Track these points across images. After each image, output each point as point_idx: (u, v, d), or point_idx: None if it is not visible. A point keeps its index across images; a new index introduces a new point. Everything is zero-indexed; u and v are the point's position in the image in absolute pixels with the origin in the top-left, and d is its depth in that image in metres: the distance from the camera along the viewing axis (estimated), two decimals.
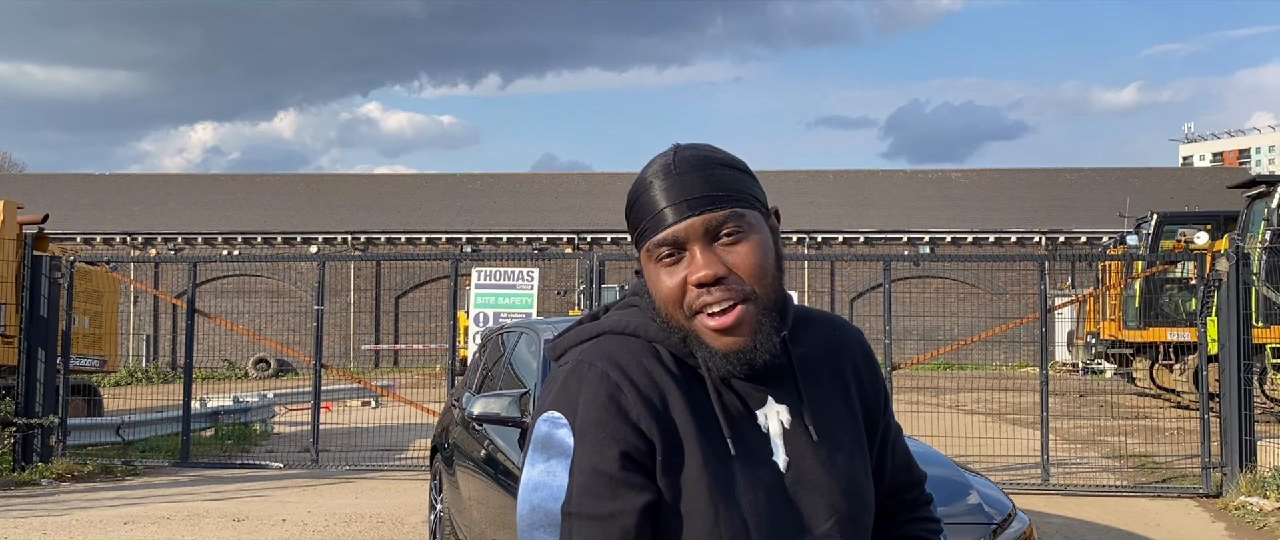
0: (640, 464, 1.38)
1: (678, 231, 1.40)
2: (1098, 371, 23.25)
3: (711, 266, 1.39)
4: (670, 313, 1.43)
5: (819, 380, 1.53)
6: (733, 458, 1.42)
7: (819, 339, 1.57)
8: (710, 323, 1.40)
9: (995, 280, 32.83)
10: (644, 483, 1.38)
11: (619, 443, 1.38)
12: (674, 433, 1.41)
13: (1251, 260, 11.81)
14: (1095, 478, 10.46)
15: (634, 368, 1.43)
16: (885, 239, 33.81)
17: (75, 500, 9.36)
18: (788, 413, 1.47)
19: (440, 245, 34.33)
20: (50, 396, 10.88)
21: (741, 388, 1.47)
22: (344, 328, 33.92)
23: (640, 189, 1.45)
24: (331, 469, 11.01)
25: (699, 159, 1.44)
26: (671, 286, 1.41)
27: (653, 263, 1.44)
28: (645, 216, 1.43)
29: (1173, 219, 18.72)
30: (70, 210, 35.16)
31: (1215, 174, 43.97)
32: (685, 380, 1.45)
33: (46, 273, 10.93)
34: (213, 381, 25.27)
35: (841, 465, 1.49)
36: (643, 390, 1.41)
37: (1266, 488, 8.82)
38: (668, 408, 1.42)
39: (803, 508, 1.44)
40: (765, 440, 1.46)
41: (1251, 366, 9.60)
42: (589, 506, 1.36)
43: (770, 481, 1.44)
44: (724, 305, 1.40)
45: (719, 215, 1.40)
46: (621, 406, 1.40)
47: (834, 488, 1.47)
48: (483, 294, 12.27)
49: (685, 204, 1.40)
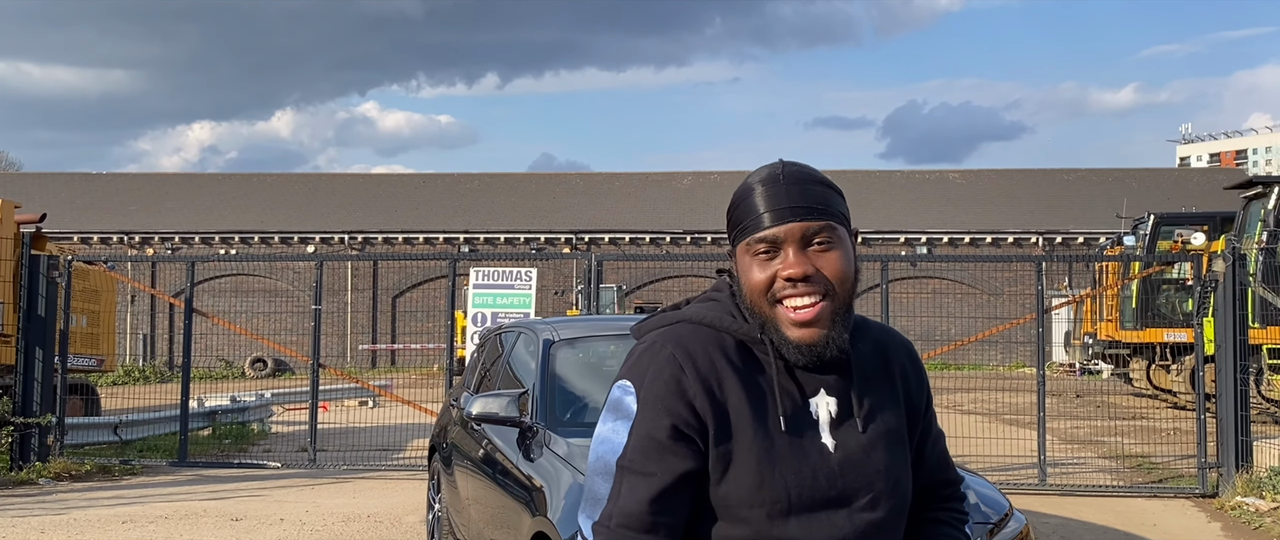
0: (688, 437, 1.61)
1: (778, 232, 1.63)
2: (1095, 372, 23.28)
3: (802, 265, 1.62)
4: (756, 300, 1.65)
5: (870, 378, 1.74)
6: (782, 433, 1.64)
7: (873, 343, 1.78)
8: (792, 314, 1.63)
9: (992, 280, 32.86)
10: (687, 453, 1.61)
11: (672, 416, 1.62)
12: (726, 412, 1.63)
13: (1248, 261, 11.82)
14: (1092, 478, 10.48)
15: (699, 353, 1.65)
16: (883, 239, 33.83)
17: (73, 499, 9.35)
18: (837, 404, 1.69)
19: (438, 245, 34.32)
20: (48, 396, 10.87)
21: (800, 377, 1.68)
22: (341, 327, 33.91)
23: (745, 192, 1.68)
24: (329, 468, 11.01)
25: (803, 174, 1.68)
26: (763, 278, 1.64)
27: (749, 256, 1.66)
28: (748, 216, 1.66)
29: (1170, 220, 18.74)
30: (68, 209, 35.13)
31: (1212, 175, 44.03)
32: (747, 366, 1.67)
33: (44, 272, 10.92)
34: (210, 381, 25.27)
35: (882, 454, 1.70)
36: (702, 373, 1.63)
37: (1262, 488, 8.84)
38: (724, 390, 1.64)
39: (844, 486, 1.65)
40: (815, 425, 1.67)
41: (1248, 367, 9.62)
42: (638, 463, 1.62)
43: (816, 459, 1.65)
44: (807, 300, 1.62)
45: (815, 224, 1.64)
46: (681, 385, 1.63)
47: (874, 472, 1.68)
48: (480, 294, 12.26)
49: (788, 211, 1.64)
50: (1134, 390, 18.95)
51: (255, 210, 36.90)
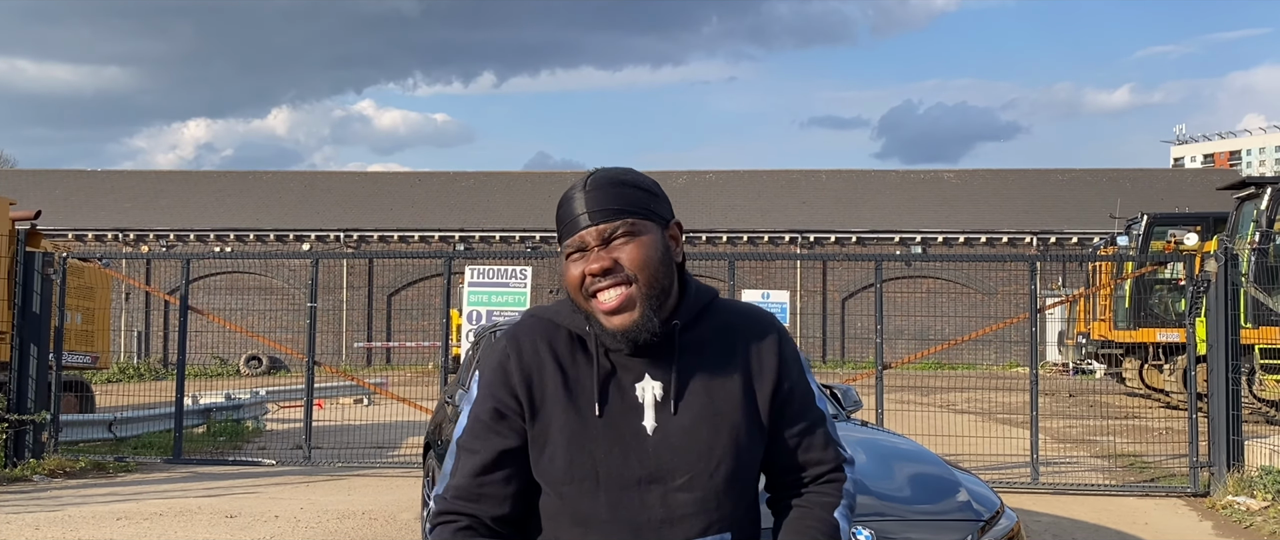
0: (506, 417, 1.81)
1: (582, 236, 1.78)
2: (1088, 371, 23.34)
3: (600, 260, 1.76)
4: (575, 297, 1.80)
5: (703, 360, 1.84)
6: (595, 417, 1.78)
7: (721, 325, 1.87)
8: (601, 304, 1.76)
9: (986, 280, 32.93)
10: (507, 431, 1.81)
11: (494, 400, 1.82)
12: (543, 396, 1.80)
13: (1240, 262, 11.88)
14: (1084, 477, 10.52)
15: (526, 343, 1.84)
16: (877, 239, 33.88)
17: (68, 496, 9.36)
18: (662, 388, 1.81)
19: (433, 243, 34.31)
20: (42, 393, 10.87)
21: (625, 362, 1.81)
22: (336, 325, 33.90)
23: (561, 202, 1.83)
24: (324, 466, 11.02)
25: (607, 180, 1.82)
26: (574, 275, 1.79)
27: (566, 259, 1.81)
28: (561, 225, 1.82)
29: (1163, 220, 18.79)
30: (63, 206, 35.07)
31: (1206, 175, 44.13)
32: (575, 356, 1.82)
33: (39, 269, 10.92)
34: (205, 378, 25.25)
35: (705, 435, 1.80)
36: (525, 361, 1.82)
37: (1253, 487, 8.88)
38: (542, 377, 1.81)
39: (657, 466, 1.77)
40: (639, 407, 1.79)
41: (1239, 367, 9.66)
42: (467, 441, 1.84)
43: (630, 439, 1.78)
44: (612, 291, 1.75)
45: (613, 224, 1.77)
46: (505, 371, 1.83)
47: (695, 453, 1.78)
48: (476, 292, 12.28)
49: (586, 215, 1.78)
50: (1127, 390, 19.01)
51: (251, 208, 36.86)
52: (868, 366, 26.24)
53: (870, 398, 10.24)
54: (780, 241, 34.09)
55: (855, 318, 32.76)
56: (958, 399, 18.55)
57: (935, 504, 4.53)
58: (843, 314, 33.57)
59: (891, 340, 26.47)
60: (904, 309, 30.22)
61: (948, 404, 17.31)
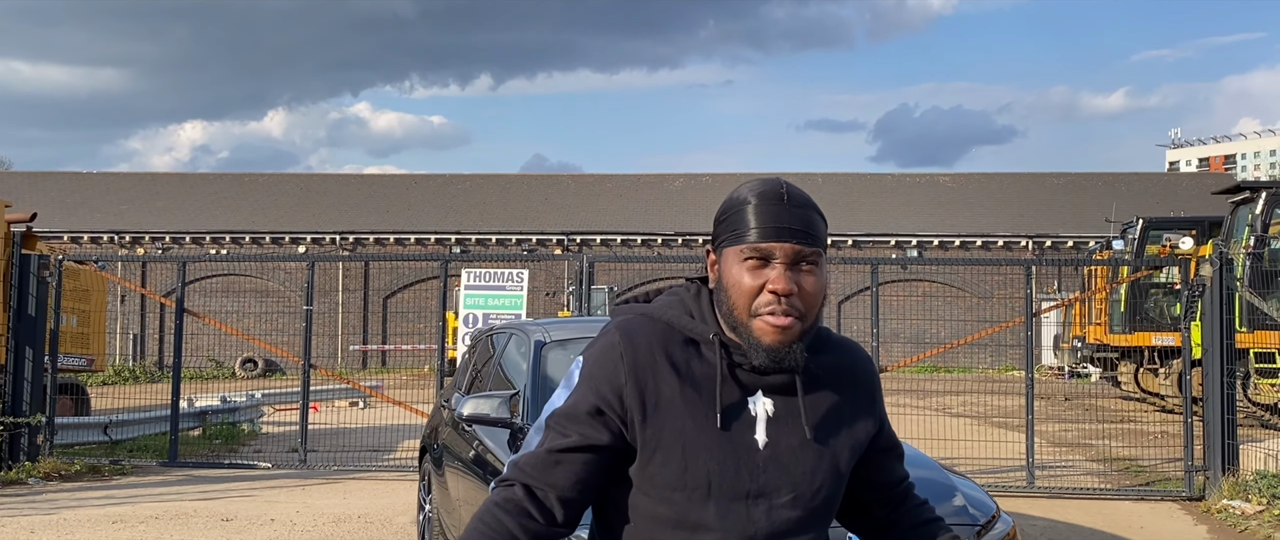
0: (605, 415, 1.79)
1: (773, 248, 1.76)
2: (1083, 375, 23.36)
3: (788, 284, 1.75)
4: (738, 304, 1.77)
5: (819, 387, 1.87)
6: (714, 426, 1.78)
7: (834, 356, 1.92)
8: (769, 321, 1.75)
9: (982, 284, 32.96)
10: (602, 428, 1.79)
11: (598, 396, 1.80)
12: (656, 400, 1.78)
13: (1235, 266, 11.90)
14: (1080, 480, 10.53)
15: (642, 345, 1.81)
16: (873, 242, 33.91)
17: (63, 499, 9.34)
18: (774, 405, 1.82)
19: (429, 246, 34.29)
20: (37, 395, 10.85)
21: (742, 377, 1.82)
22: (332, 328, 33.86)
23: (743, 200, 1.79)
24: (320, 469, 11.01)
25: (802, 198, 1.80)
26: (751, 285, 1.76)
27: (738, 262, 1.77)
28: (744, 224, 1.77)
29: (1158, 224, 18.82)
30: (58, 209, 35.01)
31: (1201, 179, 44.21)
32: (690, 362, 1.81)
33: (34, 271, 10.91)
34: (200, 381, 25.18)
35: (812, 457, 1.83)
36: (638, 364, 1.80)
37: (1248, 491, 8.90)
38: (657, 381, 1.79)
39: (766, 481, 1.80)
40: (752, 421, 1.81)
41: (1234, 371, 9.69)
42: (558, 424, 1.83)
43: (743, 452, 1.79)
44: (785, 318, 1.75)
45: (807, 249, 1.77)
46: (614, 371, 1.80)
47: (800, 473, 1.82)
48: (472, 295, 12.28)
49: (787, 231, 1.76)
50: (1122, 393, 19.04)
51: (246, 210, 36.82)
52: None
53: None
54: None
55: (851, 321, 32.77)
56: (954, 402, 18.57)
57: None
58: (839, 317, 33.59)
59: (887, 343, 26.48)
60: (900, 312, 30.24)
61: (944, 407, 17.32)
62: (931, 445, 9.38)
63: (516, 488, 1.81)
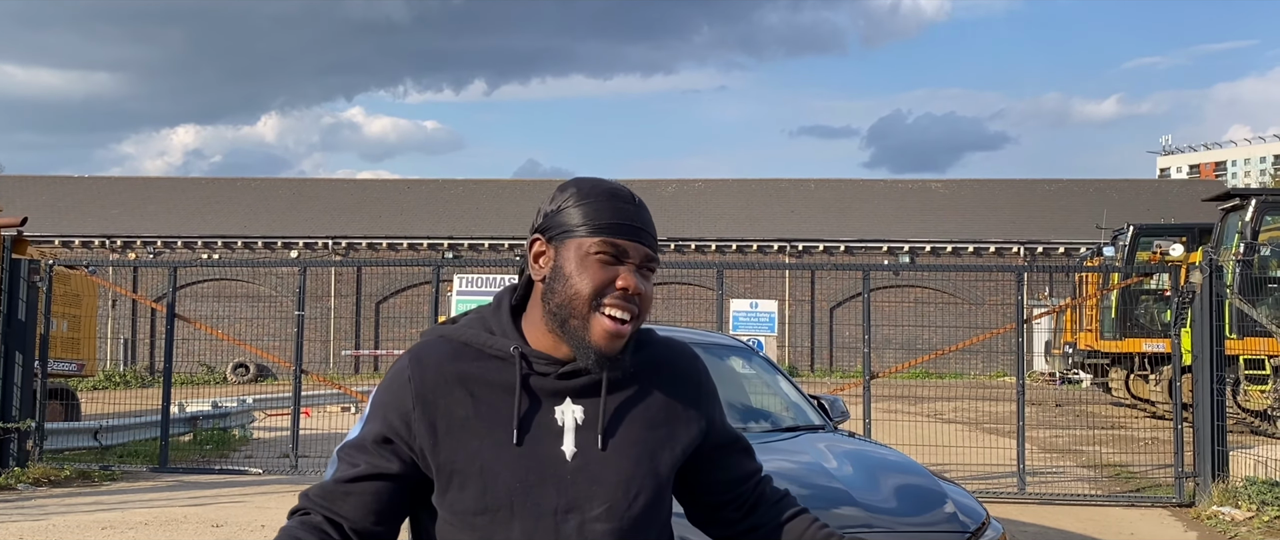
0: (393, 443, 1.74)
1: (629, 247, 1.72)
2: (1074, 381, 23.43)
3: (638, 283, 1.71)
4: (579, 293, 1.70)
5: (632, 390, 1.80)
6: (512, 443, 1.71)
7: (649, 359, 1.84)
8: (608, 325, 1.70)
9: (974, 290, 33.03)
10: (390, 456, 1.74)
11: (383, 424, 1.75)
12: (447, 424, 1.72)
13: (1225, 273, 11.95)
14: (1070, 487, 10.56)
15: (431, 367, 1.75)
16: (865, 248, 33.96)
17: (52, 505, 9.31)
18: (583, 412, 1.75)
19: (422, 251, 34.26)
20: (27, 400, 10.81)
21: (547, 386, 1.75)
22: (324, 333, 33.80)
23: (595, 195, 1.74)
24: (311, 474, 10.97)
25: (646, 207, 1.79)
26: (603, 280, 1.70)
27: (586, 253, 1.71)
28: (598, 218, 1.71)
29: (1149, 231, 18.90)
30: (49, 213, 34.91)
31: (1191, 186, 44.38)
32: (488, 378, 1.75)
33: (25, 276, 10.88)
34: (191, 386, 25.13)
35: (627, 464, 1.75)
36: (427, 388, 1.73)
37: (1238, 498, 8.93)
38: (448, 403, 1.73)
39: (576, 494, 1.72)
40: (558, 432, 1.74)
41: (1224, 377, 9.72)
42: (347, 455, 1.78)
43: (548, 466, 1.72)
44: (626, 315, 1.71)
45: (654, 256, 1.76)
46: (400, 397, 1.74)
47: (614, 482, 1.74)
48: (465, 301, 12.28)
49: (645, 233, 1.74)
50: (1113, 400, 19.09)
51: (238, 215, 36.76)
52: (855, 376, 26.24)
53: (858, 407, 10.26)
54: (769, 250, 34.15)
55: (843, 327, 32.82)
56: (945, 409, 18.60)
57: (921, 515, 4.54)
58: (831, 323, 33.63)
59: (879, 349, 26.51)
60: (892, 318, 30.28)
61: (935, 414, 17.35)
62: (922, 451, 9.39)
63: (314, 515, 1.76)
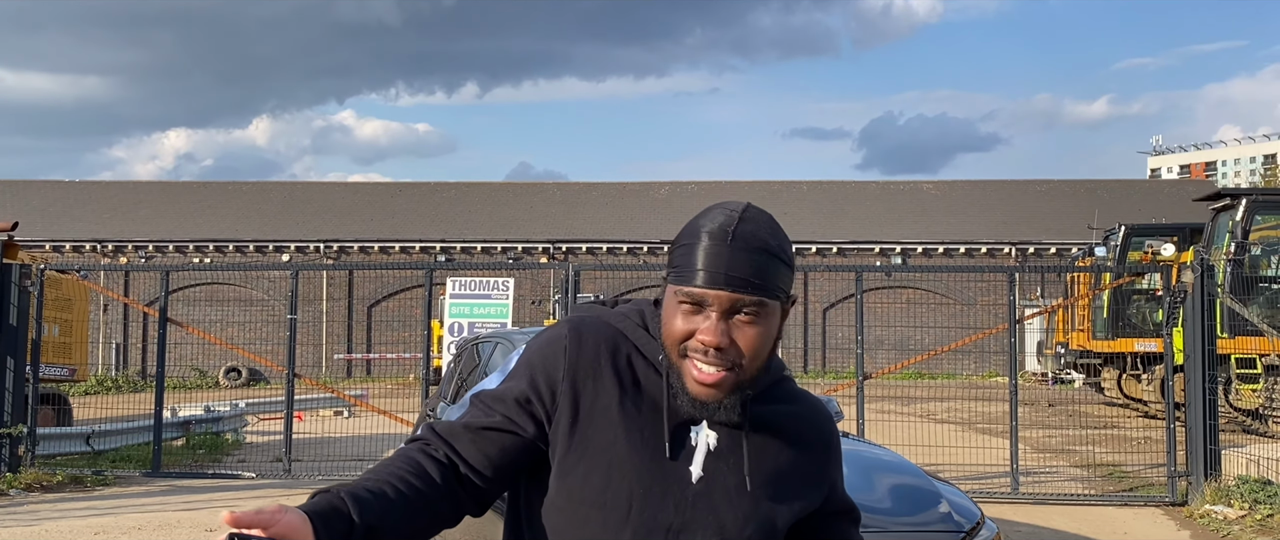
0: (530, 409, 1.68)
1: (707, 295, 1.60)
2: (1067, 381, 23.48)
3: (717, 337, 1.59)
4: (669, 345, 1.65)
5: (769, 432, 1.73)
6: (648, 446, 1.66)
7: (793, 407, 1.79)
8: (695, 373, 1.62)
9: (966, 290, 33.09)
10: (525, 418, 1.68)
11: (529, 385, 1.69)
12: (588, 406, 1.67)
13: (1216, 272, 11.98)
14: (1064, 486, 10.58)
15: (589, 346, 1.70)
16: (858, 249, 34.01)
17: (45, 511, 9.28)
18: (717, 440, 1.69)
19: (414, 254, 34.21)
20: (19, 406, 10.77)
21: (689, 402, 1.67)
22: (316, 337, 33.73)
23: (692, 236, 1.64)
24: (304, 479, 10.96)
25: (753, 241, 1.61)
26: (681, 330, 1.62)
27: (675, 301, 1.63)
28: (685, 263, 1.62)
29: (1140, 231, 18.95)
30: (40, 217, 34.80)
31: (1182, 186, 44.52)
32: (636, 376, 1.70)
33: (16, 281, 10.84)
34: (184, 390, 25.07)
35: (747, 505, 1.69)
36: (581, 363, 1.69)
37: (1230, 496, 8.96)
38: (595, 387, 1.68)
39: (691, 517, 1.66)
40: (690, 452, 1.68)
41: (1216, 377, 9.76)
42: (483, 403, 1.72)
43: (672, 482, 1.66)
44: (712, 369, 1.61)
45: (746, 299, 1.60)
46: (552, 364, 1.69)
47: (730, 516, 1.67)
48: (457, 303, 12.26)
49: (722, 277, 1.59)
50: (1105, 399, 19.13)
51: (230, 219, 36.68)
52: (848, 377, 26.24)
53: (851, 408, 10.28)
54: None
55: (836, 328, 32.86)
56: (938, 409, 18.63)
57: (916, 515, 4.56)
58: (823, 324, 33.67)
59: (872, 350, 26.53)
60: (884, 319, 30.31)
61: (928, 414, 17.38)
62: (916, 452, 9.40)
63: (434, 447, 1.68)
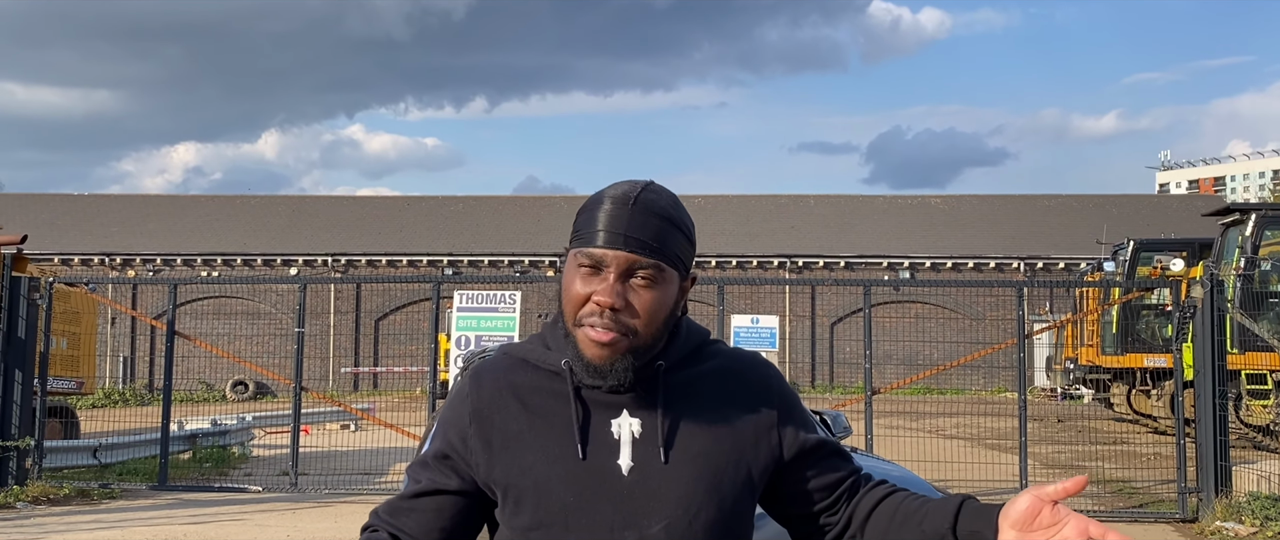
0: (449, 464, 1.74)
1: (605, 255, 1.63)
2: (1076, 396, 23.38)
3: (612, 297, 1.62)
4: (568, 311, 1.68)
5: (692, 404, 1.72)
6: (570, 457, 1.67)
7: (716, 369, 1.77)
8: (590, 334, 1.64)
9: (974, 305, 33.02)
10: (448, 472, 1.74)
11: (443, 441, 1.76)
12: (503, 439, 1.71)
13: (1226, 287, 11.94)
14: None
15: (488, 383, 1.76)
16: (866, 263, 33.97)
17: (52, 524, 9.27)
18: (641, 425, 1.69)
19: (422, 268, 34.24)
20: (27, 418, 10.79)
21: (601, 399, 1.70)
22: (323, 350, 33.76)
23: (595, 203, 1.68)
24: (311, 492, 10.95)
25: (654, 205, 1.66)
26: (580, 293, 1.65)
27: (574, 265, 1.67)
28: (587, 227, 1.66)
29: (1149, 246, 18.90)
30: (48, 231, 34.93)
31: (1191, 201, 44.42)
32: (545, 393, 1.72)
33: (25, 294, 10.87)
34: (191, 404, 25.09)
35: (687, 480, 1.68)
36: (483, 403, 1.74)
37: (1241, 513, 8.90)
38: (504, 418, 1.72)
39: (632, 509, 1.66)
40: (614, 446, 1.68)
41: (1226, 392, 9.70)
42: (412, 472, 1.80)
43: (604, 480, 1.67)
44: (607, 332, 1.63)
45: (643, 260, 1.63)
46: (459, 414, 1.76)
47: (673, 498, 1.67)
48: (464, 317, 12.24)
49: (622, 238, 1.63)
50: (1115, 415, 19.05)
51: (238, 232, 36.78)
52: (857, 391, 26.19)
53: (859, 423, 10.25)
54: (769, 266, 34.15)
55: (844, 342, 32.79)
56: (947, 424, 18.55)
57: None
58: (831, 339, 33.60)
59: (880, 365, 26.48)
60: (892, 334, 30.26)
61: (937, 429, 17.31)
62: (925, 467, 9.35)
63: (381, 531, 1.76)
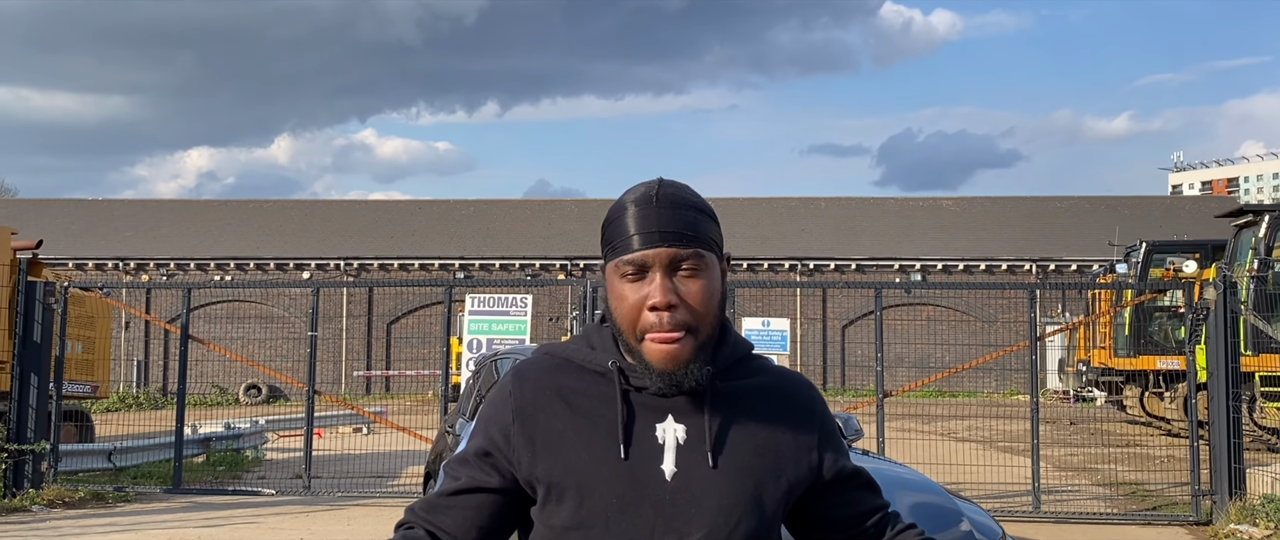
0: (491, 461, 1.74)
1: (646, 256, 1.63)
2: (1088, 399, 23.30)
3: (666, 295, 1.61)
4: (624, 324, 1.66)
5: (740, 412, 1.72)
6: (614, 459, 1.66)
7: (760, 385, 1.76)
8: (655, 344, 1.63)
9: (986, 308, 32.93)
10: (489, 470, 1.74)
11: (484, 439, 1.75)
12: (545, 438, 1.70)
13: (1239, 289, 11.89)
14: (1086, 505, 10.49)
15: (530, 383, 1.75)
16: (877, 266, 33.90)
17: (67, 527, 9.33)
18: (686, 431, 1.68)
19: (433, 271, 34.33)
20: (42, 422, 10.86)
21: (648, 401, 1.69)
22: (336, 354, 33.86)
23: (619, 211, 1.68)
24: (324, 496, 10.99)
25: (677, 197, 1.67)
26: (632, 302, 1.64)
27: (618, 278, 1.66)
28: (619, 236, 1.66)
29: (1162, 248, 18.83)
30: (63, 236, 35.12)
31: (1204, 203, 44.22)
32: (590, 394, 1.71)
33: (40, 298, 10.94)
34: (204, 407, 25.20)
35: (730, 489, 1.67)
36: (525, 402, 1.73)
37: (1256, 516, 8.86)
38: (546, 417, 1.71)
39: (673, 514, 1.65)
40: (658, 450, 1.67)
41: (1240, 395, 9.66)
42: (451, 469, 1.79)
43: (646, 484, 1.66)
44: (670, 335, 1.62)
45: (684, 252, 1.63)
46: (500, 412, 1.74)
47: (714, 506, 1.66)
48: (476, 320, 12.27)
49: (657, 234, 1.63)
50: (1128, 417, 18.98)
51: (251, 236, 36.92)
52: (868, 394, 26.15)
53: (871, 426, 10.23)
54: (780, 268, 34.12)
55: (855, 345, 32.73)
56: (959, 427, 18.51)
57: (937, 534, 4.53)
58: (843, 341, 33.55)
59: (892, 368, 26.42)
60: (904, 336, 30.19)
61: (949, 432, 17.28)
62: (937, 470, 9.34)
63: (417, 529, 1.75)
